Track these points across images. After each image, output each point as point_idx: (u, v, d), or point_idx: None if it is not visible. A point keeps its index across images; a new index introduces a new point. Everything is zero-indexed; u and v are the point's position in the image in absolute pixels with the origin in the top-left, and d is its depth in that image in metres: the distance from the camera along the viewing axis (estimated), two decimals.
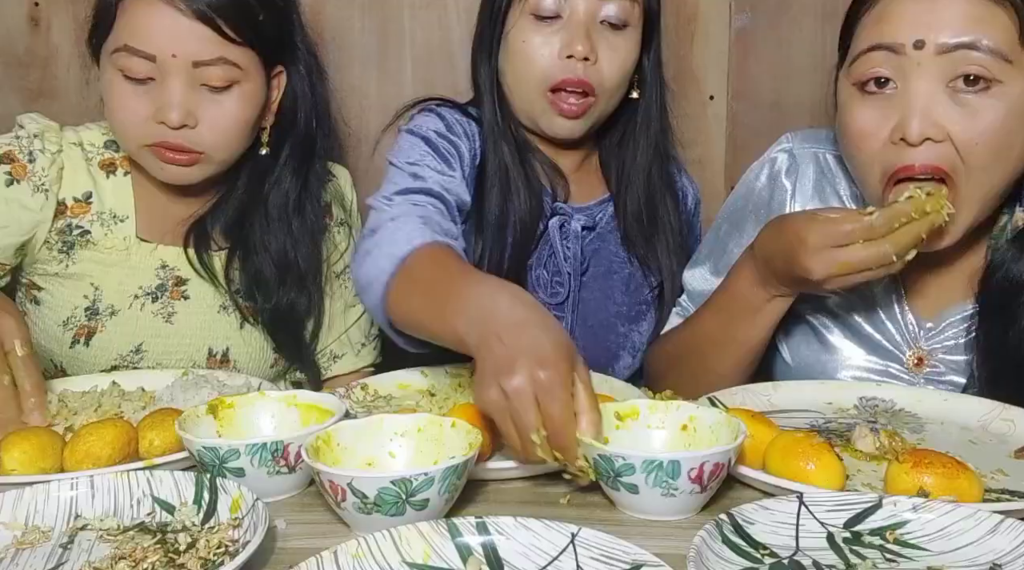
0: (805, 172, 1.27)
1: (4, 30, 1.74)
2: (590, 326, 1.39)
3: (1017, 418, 1.06)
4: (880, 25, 1.07)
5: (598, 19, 1.29)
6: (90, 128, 1.38)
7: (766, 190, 1.30)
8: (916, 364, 1.21)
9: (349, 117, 1.77)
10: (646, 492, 0.82)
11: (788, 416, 1.11)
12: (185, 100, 1.23)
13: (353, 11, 1.75)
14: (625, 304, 1.42)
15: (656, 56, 1.40)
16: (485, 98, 1.36)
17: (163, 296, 1.35)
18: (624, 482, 0.83)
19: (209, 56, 1.23)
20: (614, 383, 1.19)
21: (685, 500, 0.83)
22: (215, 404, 0.97)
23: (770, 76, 1.75)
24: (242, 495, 0.82)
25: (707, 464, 0.82)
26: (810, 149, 1.29)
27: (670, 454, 0.84)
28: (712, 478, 0.83)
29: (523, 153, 1.37)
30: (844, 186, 1.26)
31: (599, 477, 0.85)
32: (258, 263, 1.36)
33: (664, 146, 1.42)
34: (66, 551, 0.79)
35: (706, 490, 0.84)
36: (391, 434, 0.91)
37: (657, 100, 1.40)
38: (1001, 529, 0.76)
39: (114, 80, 1.25)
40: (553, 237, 1.36)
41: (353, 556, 0.72)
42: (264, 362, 1.42)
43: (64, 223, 1.31)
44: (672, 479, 0.81)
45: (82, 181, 1.33)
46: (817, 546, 0.77)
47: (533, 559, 0.74)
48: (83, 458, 0.93)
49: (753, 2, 1.74)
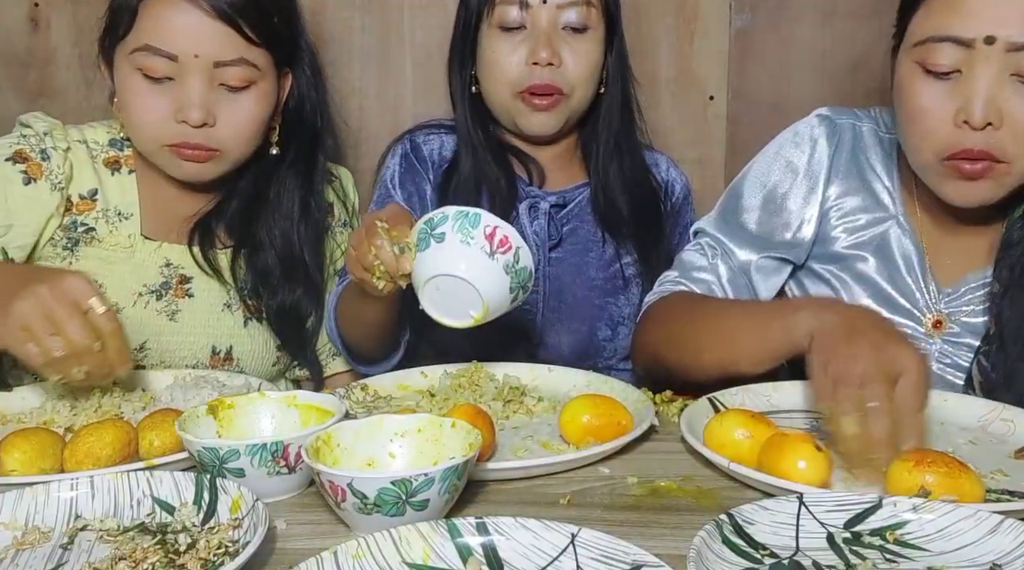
0: (844, 139, 1.31)
1: (4, 30, 1.74)
2: (566, 299, 1.47)
3: (1017, 418, 1.06)
4: (951, 16, 1.09)
5: (559, 26, 1.38)
6: (93, 126, 1.38)
7: (810, 150, 1.31)
8: (935, 326, 1.24)
9: (349, 117, 1.78)
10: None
11: (788, 416, 1.11)
12: (205, 99, 1.25)
13: (353, 11, 1.75)
14: (599, 279, 1.49)
15: (619, 53, 1.47)
16: (458, 105, 1.48)
17: (167, 294, 1.35)
18: None
19: (230, 57, 1.25)
20: (614, 383, 1.19)
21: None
22: (215, 404, 0.97)
23: (770, 76, 1.75)
24: (242, 495, 0.82)
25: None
26: (847, 120, 1.32)
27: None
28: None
29: (495, 150, 1.47)
30: (878, 160, 1.30)
31: None
32: (264, 259, 1.38)
33: (627, 138, 1.49)
34: (66, 552, 0.79)
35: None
36: (391, 434, 0.91)
37: (619, 95, 1.48)
38: (1001, 529, 0.76)
39: (132, 79, 1.26)
40: (522, 216, 1.45)
41: (353, 556, 0.72)
42: (267, 360, 1.42)
43: (69, 220, 1.32)
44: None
45: (88, 178, 1.33)
46: (817, 546, 0.77)
47: (533, 559, 0.74)
48: (83, 458, 0.93)
49: (753, 2, 1.74)
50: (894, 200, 1.29)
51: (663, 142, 1.67)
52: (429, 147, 1.49)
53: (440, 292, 1.09)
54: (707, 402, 1.10)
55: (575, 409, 1.02)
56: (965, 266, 1.25)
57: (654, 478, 0.94)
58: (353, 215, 1.52)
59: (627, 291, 1.49)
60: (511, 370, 1.23)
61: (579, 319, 1.47)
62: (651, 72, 1.74)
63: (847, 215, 1.30)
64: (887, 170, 1.30)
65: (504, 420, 1.11)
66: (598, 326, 1.48)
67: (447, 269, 1.07)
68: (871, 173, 1.30)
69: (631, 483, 0.93)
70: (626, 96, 1.49)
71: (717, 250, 1.33)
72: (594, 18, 1.40)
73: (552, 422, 1.09)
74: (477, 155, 1.45)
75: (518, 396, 1.16)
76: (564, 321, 1.47)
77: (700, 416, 1.05)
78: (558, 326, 1.46)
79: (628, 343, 1.48)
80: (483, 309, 1.09)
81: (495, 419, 1.04)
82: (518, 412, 1.14)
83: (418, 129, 1.53)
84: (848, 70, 1.74)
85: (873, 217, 1.29)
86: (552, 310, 1.46)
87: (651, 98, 1.69)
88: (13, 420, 1.14)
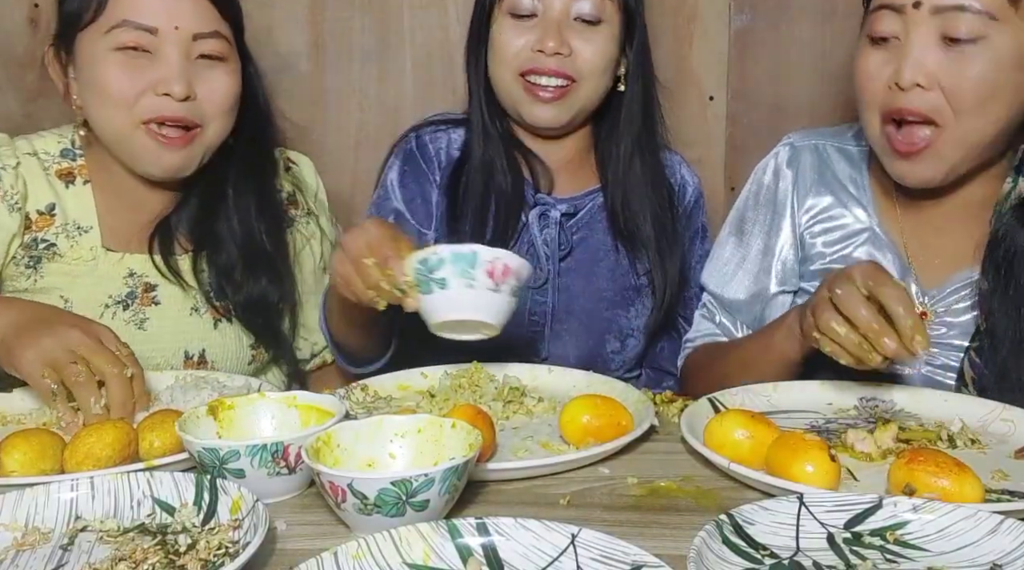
0: (805, 160, 1.36)
1: (3, 31, 1.74)
2: (574, 310, 1.44)
3: (1017, 418, 1.06)
4: None
5: (571, 16, 1.36)
6: (43, 136, 1.37)
7: (773, 182, 1.38)
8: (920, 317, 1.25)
9: (349, 117, 1.78)
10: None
11: (788, 416, 1.11)
12: (186, 71, 1.26)
13: (353, 11, 1.75)
14: (610, 290, 1.45)
15: (640, 51, 1.43)
16: (473, 96, 1.45)
17: (133, 303, 1.34)
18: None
19: (208, 29, 1.27)
20: (614, 384, 1.19)
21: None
22: (215, 405, 0.97)
23: (770, 76, 1.75)
24: (242, 496, 0.82)
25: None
26: (810, 141, 1.38)
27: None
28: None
29: (507, 147, 1.44)
30: (842, 169, 1.35)
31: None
32: (226, 256, 1.37)
33: (648, 139, 1.46)
34: (66, 552, 0.79)
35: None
36: (391, 435, 0.91)
37: (640, 94, 1.44)
38: (1001, 530, 0.76)
39: (107, 59, 1.25)
40: (532, 226, 1.42)
41: (353, 557, 0.72)
42: (242, 359, 1.41)
43: (30, 237, 1.31)
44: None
45: (44, 192, 1.32)
46: (817, 547, 0.77)
47: (533, 560, 0.74)
48: (83, 459, 0.93)
49: (753, 2, 1.74)
50: (868, 211, 1.32)
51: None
52: (436, 146, 1.47)
53: (450, 325, 1.11)
54: (707, 402, 1.10)
55: (575, 409, 1.02)
56: (951, 266, 1.25)
57: (654, 478, 0.94)
58: (317, 202, 1.51)
59: (637, 302, 1.46)
60: (511, 370, 1.23)
61: (587, 331, 1.44)
62: None
63: (823, 233, 1.33)
64: (856, 182, 1.33)
65: (504, 420, 1.11)
66: (607, 339, 1.45)
67: (457, 315, 1.09)
68: (839, 188, 1.34)
69: (631, 483, 0.93)
70: (648, 95, 1.45)
71: (717, 309, 1.40)
72: (609, 11, 1.37)
73: (552, 422, 1.09)
74: (489, 144, 1.42)
75: (518, 396, 1.16)
76: (572, 333, 1.44)
77: (700, 416, 1.05)
78: (565, 338, 1.43)
79: (636, 354, 1.48)
80: (495, 330, 1.12)
81: (495, 419, 1.04)
82: (518, 412, 1.14)
83: (425, 125, 1.50)
84: (847, 70, 1.73)
85: (848, 230, 1.32)
86: (559, 322, 1.43)
87: None
88: (13, 421, 1.14)
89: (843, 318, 1.02)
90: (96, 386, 1.05)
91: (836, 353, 1.04)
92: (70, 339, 1.07)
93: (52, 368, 1.05)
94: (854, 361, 1.03)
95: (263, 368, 1.45)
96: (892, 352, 0.98)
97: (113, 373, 1.06)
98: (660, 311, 1.44)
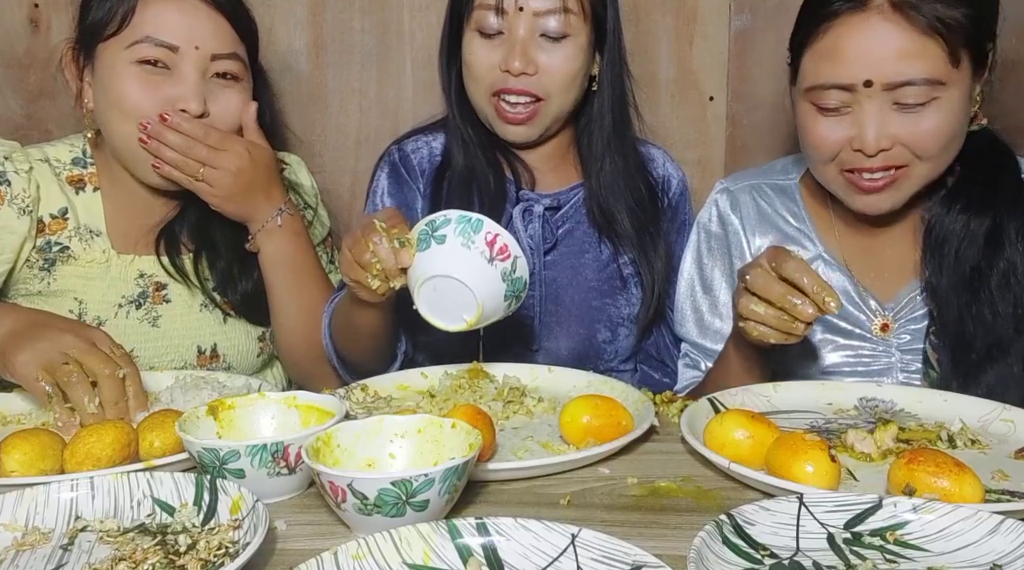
0: (745, 202, 1.42)
1: (4, 31, 1.74)
2: (563, 301, 1.46)
3: (1017, 419, 1.06)
4: (832, 65, 1.20)
5: (537, 33, 1.36)
6: (53, 145, 1.39)
7: (721, 229, 1.44)
8: (882, 329, 1.31)
9: (349, 117, 1.78)
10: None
11: (788, 417, 1.11)
12: (201, 90, 1.29)
13: (353, 11, 1.75)
14: (596, 280, 1.47)
15: (612, 52, 1.43)
16: (450, 106, 1.48)
17: (145, 302, 1.37)
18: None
19: (227, 50, 1.31)
20: (614, 384, 1.19)
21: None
22: (215, 405, 0.97)
23: (770, 77, 1.75)
24: (242, 496, 0.82)
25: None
26: (745, 183, 1.44)
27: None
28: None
29: (486, 149, 1.46)
30: (780, 206, 1.41)
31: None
32: (222, 258, 1.40)
33: (621, 136, 1.47)
34: (66, 553, 0.79)
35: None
36: (391, 435, 0.91)
37: (611, 94, 1.45)
38: (1001, 530, 0.76)
39: (126, 72, 1.27)
40: (515, 221, 1.43)
41: (353, 557, 0.72)
42: (251, 352, 1.45)
43: (43, 241, 1.33)
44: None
45: (56, 197, 1.35)
46: (817, 547, 0.77)
47: (533, 560, 0.74)
48: (83, 459, 0.93)
49: (753, 3, 1.74)
50: (812, 239, 1.36)
51: (663, 143, 1.66)
52: (418, 156, 1.49)
53: (436, 293, 1.10)
54: (707, 402, 1.10)
55: (575, 410, 1.02)
56: (899, 280, 1.32)
57: (654, 478, 0.94)
58: (311, 197, 1.52)
59: (626, 291, 1.48)
60: (511, 371, 1.24)
61: (577, 322, 1.46)
62: (651, 73, 1.75)
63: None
64: (795, 215, 1.40)
65: (504, 421, 1.11)
66: (597, 328, 1.47)
67: (446, 270, 1.08)
68: (783, 222, 1.40)
69: (631, 483, 0.93)
70: (620, 94, 1.46)
71: (700, 356, 1.43)
72: (575, 25, 1.36)
73: (552, 423, 1.09)
74: (468, 150, 1.45)
75: (518, 397, 1.16)
76: (562, 325, 1.46)
77: (700, 416, 1.05)
78: (556, 330, 1.45)
79: (628, 344, 1.49)
80: (477, 313, 1.09)
81: (495, 420, 1.04)
82: (518, 413, 1.14)
83: (404, 138, 1.52)
84: None
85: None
86: (549, 314, 1.45)
87: (651, 99, 1.69)
88: (13, 421, 1.14)
89: (759, 299, 1.10)
90: (89, 386, 1.07)
91: (764, 335, 1.11)
92: (63, 342, 1.09)
93: (46, 371, 1.07)
94: (782, 336, 1.10)
95: (270, 361, 1.49)
96: (810, 316, 1.06)
97: (105, 373, 1.08)
98: (651, 305, 1.46)
